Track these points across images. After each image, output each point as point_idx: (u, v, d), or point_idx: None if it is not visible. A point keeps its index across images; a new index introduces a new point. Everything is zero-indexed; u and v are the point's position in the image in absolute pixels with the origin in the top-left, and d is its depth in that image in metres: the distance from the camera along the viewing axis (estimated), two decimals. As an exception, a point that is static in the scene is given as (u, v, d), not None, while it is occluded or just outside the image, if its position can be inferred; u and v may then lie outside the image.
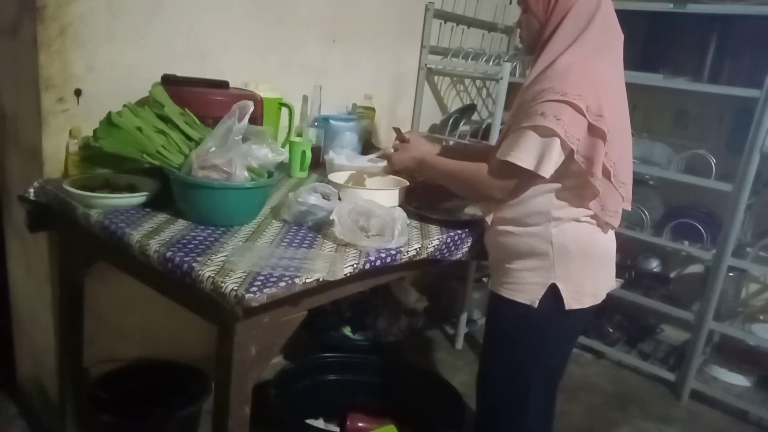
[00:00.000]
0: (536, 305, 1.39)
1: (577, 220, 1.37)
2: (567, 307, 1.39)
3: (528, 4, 1.38)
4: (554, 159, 1.27)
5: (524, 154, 1.27)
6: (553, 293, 1.38)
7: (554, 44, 1.34)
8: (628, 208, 1.42)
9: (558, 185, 1.34)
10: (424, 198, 1.69)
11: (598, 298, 1.45)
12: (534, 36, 1.40)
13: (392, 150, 1.67)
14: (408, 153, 1.61)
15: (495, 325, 1.53)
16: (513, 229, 1.41)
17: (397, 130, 1.75)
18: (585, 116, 1.25)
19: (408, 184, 1.66)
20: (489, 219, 1.46)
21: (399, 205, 1.56)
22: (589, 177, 1.31)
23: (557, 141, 1.25)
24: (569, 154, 1.28)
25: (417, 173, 1.67)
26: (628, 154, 1.40)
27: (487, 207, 1.46)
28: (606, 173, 1.32)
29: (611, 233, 1.44)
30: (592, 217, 1.38)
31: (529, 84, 1.34)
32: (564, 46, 1.32)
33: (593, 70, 1.29)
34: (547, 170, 1.27)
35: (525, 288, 1.41)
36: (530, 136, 1.27)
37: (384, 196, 1.56)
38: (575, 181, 1.34)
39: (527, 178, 1.31)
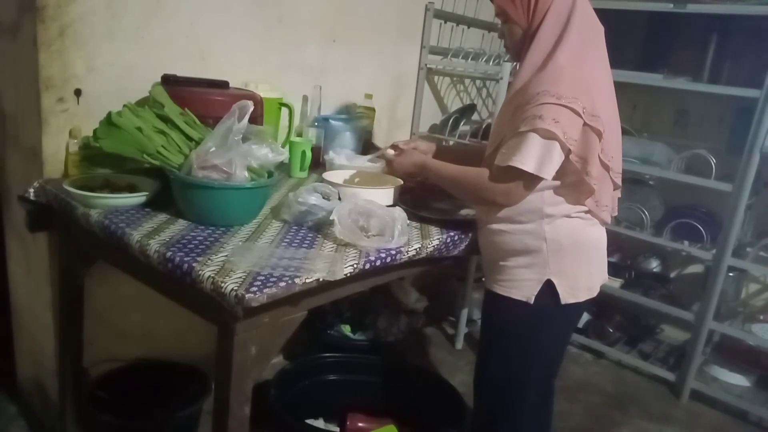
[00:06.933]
0: (532, 301, 1.40)
1: (569, 216, 1.39)
2: (563, 302, 1.40)
3: (508, 15, 1.40)
4: (555, 161, 1.28)
5: (526, 158, 1.28)
6: (548, 289, 1.40)
7: (538, 43, 1.35)
8: (619, 195, 1.47)
9: (551, 183, 1.35)
10: (420, 197, 1.69)
11: (593, 292, 1.47)
12: (518, 42, 1.42)
13: (391, 153, 1.66)
14: (410, 158, 1.61)
15: (491, 323, 1.54)
16: (506, 227, 1.42)
17: (395, 147, 1.69)
18: (581, 117, 1.27)
19: (402, 183, 1.66)
20: (483, 218, 1.47)
21: (394, 204, 1.56)
22: (584, 176, 1.32)
23: (557, 143, 1.26)
24: (566, 155, 1.30)
25: (417, 176, 1.66)
26: (620, 144, 1.43)
27: (482, 208, 1.47)
28: (605, 167, 1.36)
29: (602, 227, 1.47)
30: (584, 212, 1.40)
31: (522, 86, 1.35)
32: (549, 44, 1.33)
33: (584, 72, 1.31)
34: (549, 172, 1.28)
35: (520, 284, 1.42)
36: (530, 139, 1.27)
37: (378, 194, 1.56)
38: (570, 179, 1.35)
39: (529, 182, 1.32)
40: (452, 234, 1.52)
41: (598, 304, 2.78)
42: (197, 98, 1.56)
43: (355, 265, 1.24)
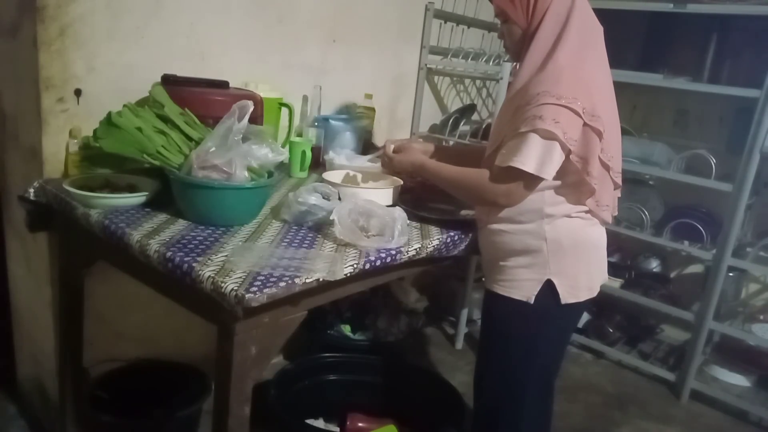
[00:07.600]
0: (532, 301, 1.41)
1: (569, 216, 1.39)
2: (563, 302, 1.40)
3: (507, 15, 1.40)
4: (555, 161, 1.28)
5: (526, 158, 1.28)
6: (548, 289, 1.40)
7: (538, 43, 1.35)
8: (619, 194, 1.48)
9: (552, 183, 1.35)
10: (420, 197, 1.69)
11: (593, 292, 1.47)
12: (518, 42, 1.42)
13: (390, 150, 1.66)
14: (409, 157, 1.62)
15: (491, 323, 1.54)
16: (506, 227, 1.42)
17: (387, 143, 1.69)
18: (582, 117, 1.27)
19: (402, 183, 1.66)
20: (483, 218, 1.47)
21: (393, 204, 1.56)
22: (584, 176, 1.33)
23: (557, 143, 1.27)
24: (566, 155, 1.30)
25: (416, 176, 1.67)
26: (619, 144, 1.43)
27: (482, 208, 1.48)
28: (605, 167, 1.36)
29: (603, 227, 1.47)
30: (584, 212, 1.40)
31: (522, 87, 1.35)
32: (549, 44, 1.34)
33: (583, 72, 1.31)
34: (549, 172, 1.29)
35: (520, 284, 1.42)
36: (531, 139, 1.27)
37: (378, 194, 1.56)
38: (571, 179, 1.36)
39: (530, 182, 1.32)
40: (452, 234, 1.52)
41: (598, 304, 2.78)
42: (197, 98, 1.56)
43: (355, 265, 1.24)
